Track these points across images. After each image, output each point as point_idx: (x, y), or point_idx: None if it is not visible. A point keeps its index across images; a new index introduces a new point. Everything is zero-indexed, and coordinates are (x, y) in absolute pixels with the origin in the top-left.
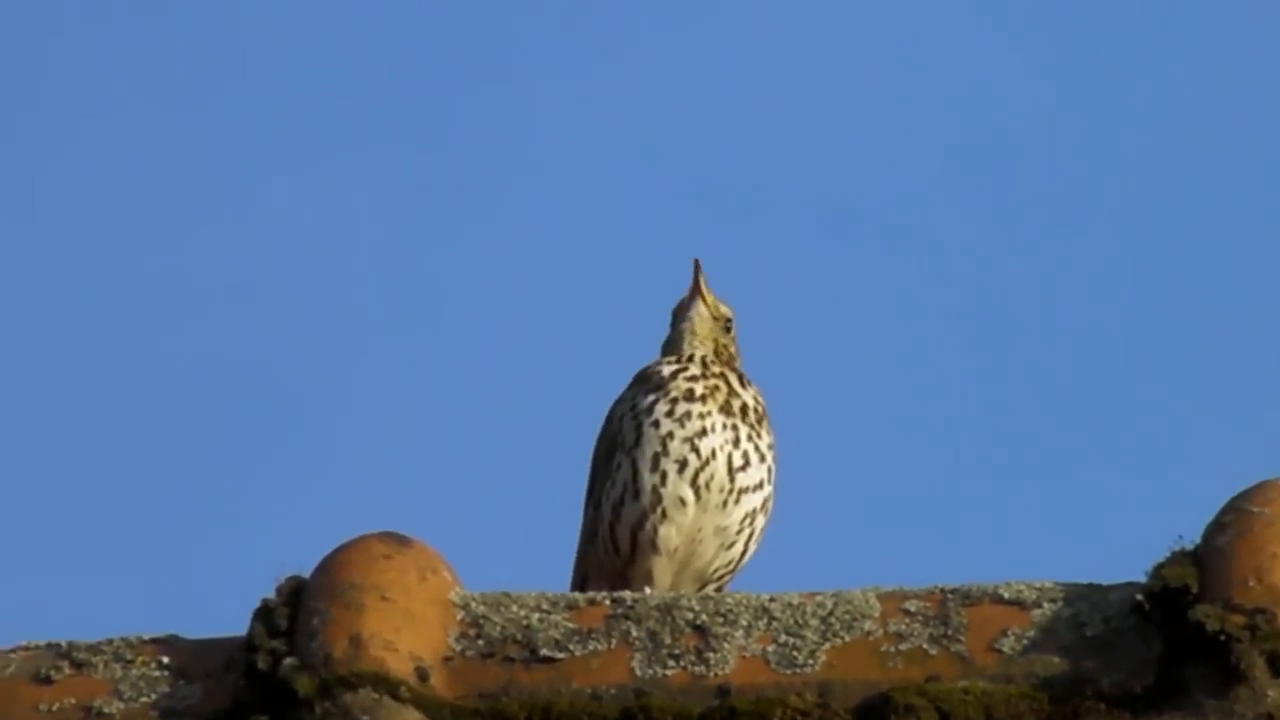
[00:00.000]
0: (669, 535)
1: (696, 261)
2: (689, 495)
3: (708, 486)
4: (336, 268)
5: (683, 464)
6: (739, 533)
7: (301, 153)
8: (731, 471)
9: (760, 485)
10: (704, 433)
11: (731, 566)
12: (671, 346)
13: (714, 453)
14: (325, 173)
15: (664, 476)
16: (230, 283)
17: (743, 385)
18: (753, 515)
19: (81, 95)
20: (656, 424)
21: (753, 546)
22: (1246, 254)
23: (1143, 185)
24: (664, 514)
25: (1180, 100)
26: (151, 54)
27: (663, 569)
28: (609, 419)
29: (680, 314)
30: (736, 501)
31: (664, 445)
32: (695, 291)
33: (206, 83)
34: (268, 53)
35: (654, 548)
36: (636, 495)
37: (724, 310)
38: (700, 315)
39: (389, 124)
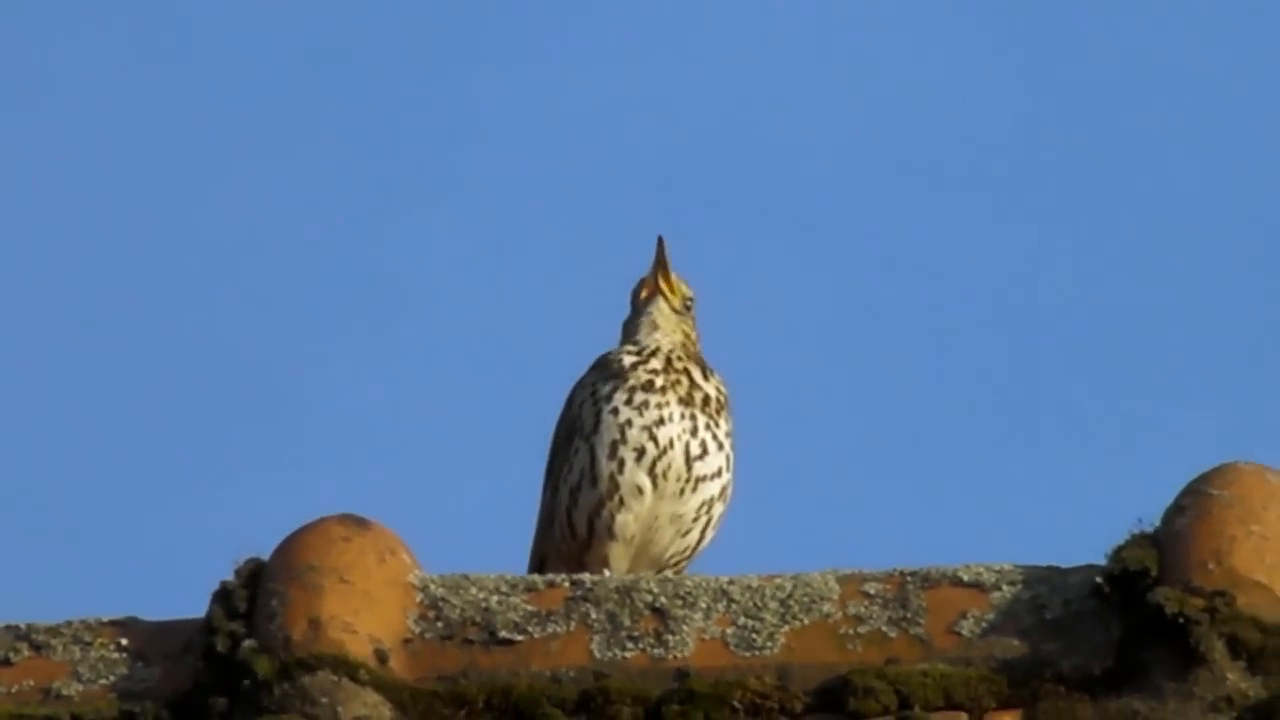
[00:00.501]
0: (626, 522)
1: (660, 239)
2: (646, 483)
3: (665, 475)
4: (294, 255)
5: (640, 452)
6: (695, 520)
7: (260, 144)
8: (689, 460)
9: (718, 473)
10: (662, 421)
11: (687, 553)
12: (631, 332)
13: (671, 442)
14: (283, 159)
15: (621, 464)
16: (190, 270)
17: (705, 377)
18: (710, 503)
19: (42, 92)
20: (615, 411)
21: (710, 533)
22: (1204, 240)
23: (1100, 170)
24: (621, 501)
25: (1127, 105)
26: (107, 53)
27: (619, 555)
28: (569, 403)
29: (641, 304)
30: (693, 490)
31: (622, 433)
32: (655, 279)
33: (167, 81)
34: (224, 48)
35: (610, 534)
36: (594, 482)
37: (685, 290)
38: (661, 311)
39: (347, 111)
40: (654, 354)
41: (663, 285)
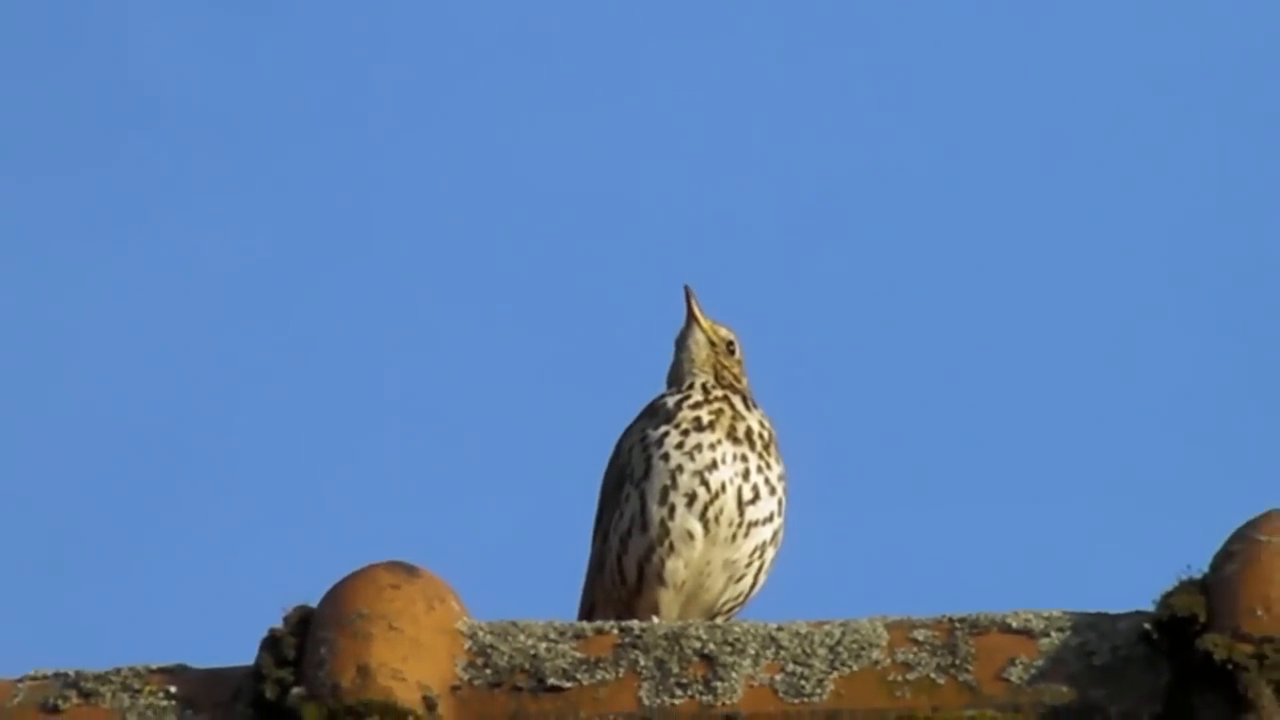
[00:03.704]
0: (676, 569)
1: (687, 288)
2: (697, 529)
3: (716, 520)
4: (347, 290)
5: (691, 497)
6: (748, 566)
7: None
8: (741, 505)
9: (770, 518)
10: (714, 465)
11: (740, 599)
12: (674, 375)
13: (724, 486)
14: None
15: (672, 510)
16: (243, 304)
17: (748, 408)
18: (762, 548)
19: None
20: (666, 457)
21: (762, 579)
22: (1251, 286)
23: (1169, 230)
24: (671, 547)
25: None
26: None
27: (669, 601)
28: (618, 450)
29: (680, 343)
30: (746, 535)
31: (673, 479)
32: (690, 318)
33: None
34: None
35: (660, 580)
36: (644, 528)
37: (723, 333)
38: (697, 342)
39: (396, 159)
40: (691, 388)
41: (696, 316)
